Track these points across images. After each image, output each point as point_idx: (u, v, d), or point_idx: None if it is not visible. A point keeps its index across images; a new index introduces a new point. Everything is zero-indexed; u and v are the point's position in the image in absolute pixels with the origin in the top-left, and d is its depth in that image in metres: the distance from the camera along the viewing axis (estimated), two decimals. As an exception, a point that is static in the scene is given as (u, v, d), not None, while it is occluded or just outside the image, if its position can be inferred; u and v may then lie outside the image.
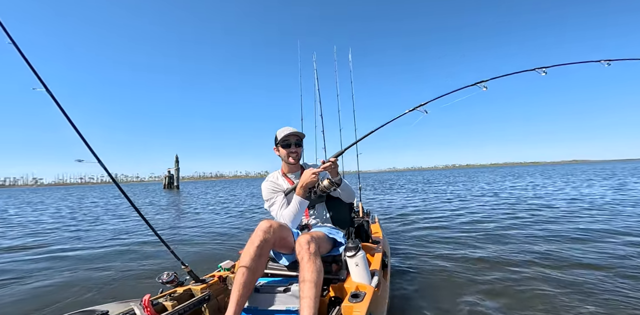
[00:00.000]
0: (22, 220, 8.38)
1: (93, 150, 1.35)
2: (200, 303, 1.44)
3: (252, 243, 1.35)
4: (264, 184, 1.81)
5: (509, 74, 1.90)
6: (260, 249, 1.34)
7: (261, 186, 1.82)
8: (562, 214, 5.28)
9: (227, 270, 1.79)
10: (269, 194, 1.77)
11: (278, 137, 1.75)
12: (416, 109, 1.78)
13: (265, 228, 1.39)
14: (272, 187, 1.79)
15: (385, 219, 5.71)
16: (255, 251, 1.32)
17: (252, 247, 1.33)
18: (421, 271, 2.70)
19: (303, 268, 1.30)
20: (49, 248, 4.49)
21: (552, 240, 3.56)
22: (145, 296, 1.27)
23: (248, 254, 1.33)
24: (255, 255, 1.32)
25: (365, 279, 1.48)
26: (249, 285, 1.29)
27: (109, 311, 1.13)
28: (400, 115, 1.80)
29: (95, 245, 4.52)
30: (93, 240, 4.98)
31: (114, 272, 3.13)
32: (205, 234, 5.09)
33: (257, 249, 1.33)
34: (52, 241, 5.02)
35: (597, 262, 2.70)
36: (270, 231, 1.39)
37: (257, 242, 1.34)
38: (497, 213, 5.80)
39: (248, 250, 1.34)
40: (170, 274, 1.50)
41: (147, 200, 15.30)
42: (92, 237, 5.27)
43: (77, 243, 4.77)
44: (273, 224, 1.43)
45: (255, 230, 1.40)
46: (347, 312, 1.21)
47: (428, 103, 1.79)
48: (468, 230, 4.33)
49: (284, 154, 1.77)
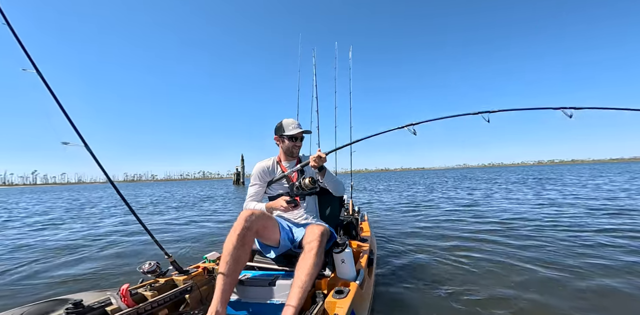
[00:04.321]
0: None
1: (80, 133, 1.31)
2: (181, 293, 1.41)
3: (234, 231, 1.33)
4: (257, 167, 1.86)
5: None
6: (242, 237, 1.32)
7: (254, 167, 1.89)
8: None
9: (213, 261, 1.77)
10: (255, 179, 1.84)
11: (285, 129, 1.79)
12: (406, 127, 1.75)
13: (246, 216, 1.37)
14: (263, 172, 1.84)
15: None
16: (237, 239, 1.30)
17: (234, 235, 1.32)
18: (406, 269, 2.72)
19: (306, 258, 1.30)
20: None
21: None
22: (124, 286, 1.24)
23: (230, 242, 1.31)
24: (237, 243, 1.30)
25: (350, 276, 1.49)
26: (232, 274, 1.27)
27: (83, 300, 1.08)
28: (389, 130, 1.78)
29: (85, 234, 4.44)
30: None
31: (94, 263, 3.07)
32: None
33: (239, 237, 1.31)
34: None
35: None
36: (252, 219, 1.37)
37: (238, 230, 1.32)
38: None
39: (230, 238, 1.32)
40: (152, 263, 1.47)
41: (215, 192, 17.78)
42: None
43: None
44: (255, 212, 1.41)
45: (237, 218, 1.39)
46: (330, 307, 1.21)
47: (417, 124, 1.73)
48: (462, 229, 4.38)
49: (289, 145, 1.82)
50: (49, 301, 1.06)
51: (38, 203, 14.57)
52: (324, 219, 1.95)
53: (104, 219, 7.30)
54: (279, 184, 1.83)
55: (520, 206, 6.65)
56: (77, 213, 9.00)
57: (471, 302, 2.03)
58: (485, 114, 1.67)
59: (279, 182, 1.82)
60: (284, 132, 1.79)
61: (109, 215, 8.20)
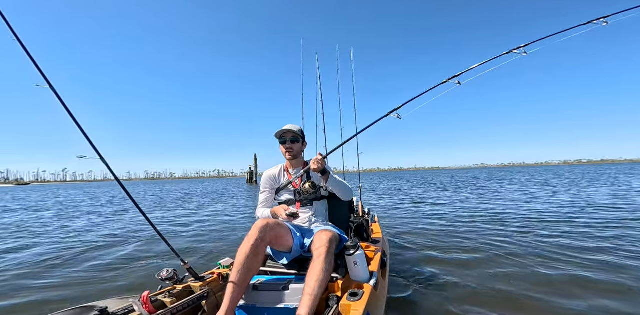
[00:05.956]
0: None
1: (96, 147, 1.36)
2: (199, 300, 1.45)
3: (248, 241, 1.36)
4: (264, 175, 1.92)
5: (483, 63, 1.84)
6: (255, 247, 1.35)
7: (262, 174, 1.95)
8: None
9: (227, 267, 1.80)
10: (264, 186, 1.90)
11: (276, 135, 1.83)
12: (389, 114, 1.84)
13: (261, 226, 1.40)
14: (270, 180, 1.89)
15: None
16: (250, 249, 1.33)
17: (248, 245, 1.35)
18: (421, 271, 2.70)
19: (315, 264, 1.31)
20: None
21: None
22: (144, 293, 1.28)
23: (243, 251, 1.34)
24: (250, 253, 1.33)
25: (363, 278, 1.49)
26: (243, 283, 1.30)
27: (108, 307, 1.13)
28: (376, 121, 1.86)
29: (99, 240, 4.57)
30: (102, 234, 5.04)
31: (114, 268, 3.15)
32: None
33: (252, 247, 1.34)
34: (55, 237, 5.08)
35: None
36: (266, 229, 1.40)
37: (252, 240, 1.35)
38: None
39: (243, 248, 1.35)
40: (170, 270, 1.50)
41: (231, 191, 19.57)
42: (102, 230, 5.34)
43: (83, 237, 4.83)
44: (270, 222, 1.44)
45: (252, 228, 1.41)
46: (345, 310, 1.21)
47: (400, 108, 1.83)
48: (479, 231, 4.32)
49: (282, 150, 1.85)
50: (77, 308, 1.11)
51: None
52: (333, 222, 1.96)
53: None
54: (286, 190, 1.86)
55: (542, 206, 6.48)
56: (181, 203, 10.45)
57: (490, 306, 1.99)
58: (454, 79, 1.78)
59: (286, 188, 1.86)
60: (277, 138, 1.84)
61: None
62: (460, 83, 1.80)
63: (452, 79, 1.83)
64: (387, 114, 1.84)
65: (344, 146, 1.97)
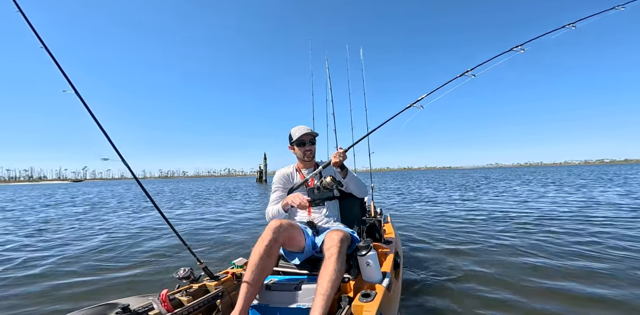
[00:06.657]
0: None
1: (119, 150, 1.42)
2: (214, 299, 1.48)
3: (262, 242, 1.38)
4: (277, 174, 1.94)
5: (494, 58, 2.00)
6: (269, 248, 1.37)
7: (275, 174, 1.97)
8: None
9: (240, 267, 1.83)
10: (277, 185, 1.92)
11: (293, 137, 1.84)
12: (412, 105, 1.94)
13: (274, 227, 1.42)
14: (284, 179, 1.91)
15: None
16: (264, 250, 1.35)
17: (261, 245, 1.37)
18: (436, 273, 2.66)
19: (327, 265, 1.32)
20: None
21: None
22: (163, 291, 1.32)
23: (257, 252, 1.36)
24: (264, 253, 1.35)
25: (376, 279, 1.48)
26: (256, 283, 1.33)
27: (130, 305, 1.18)
28: (397, 114, 1.96)
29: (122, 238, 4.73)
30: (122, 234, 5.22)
31: (135, 267, 3.26)
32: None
33: (266, 248, 1.36)
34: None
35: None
36: (280, 230, 1.42)
37: (266, 241, 1.37)
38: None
39: (257, 248, 1.37)
40: (187, 270, 1.55)
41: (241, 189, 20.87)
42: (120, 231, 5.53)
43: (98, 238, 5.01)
44: (283, 223, 1.45)
45: (265, 229, 1.44)
46: (357, 311, 1.21)
47: (422, 99, 1.94)
48: (493, 232, 4.23)
49: (300, 152, 1.87)
50: (102, 305, 1.16)
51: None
52: (345, 222, 1.96)
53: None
54: (300, 189, 1.88)
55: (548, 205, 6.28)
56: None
57: (507, 308, 1.95)
58: (469, 72, 1.94)
59: (300, 188, 1.87)
60: (293, 139, 1.85)
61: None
62: (474, 75, 1.96)
63: (467, 72, 1.98)
64: (410, 105, 1.94)
65: (355, 146, 1.99)
